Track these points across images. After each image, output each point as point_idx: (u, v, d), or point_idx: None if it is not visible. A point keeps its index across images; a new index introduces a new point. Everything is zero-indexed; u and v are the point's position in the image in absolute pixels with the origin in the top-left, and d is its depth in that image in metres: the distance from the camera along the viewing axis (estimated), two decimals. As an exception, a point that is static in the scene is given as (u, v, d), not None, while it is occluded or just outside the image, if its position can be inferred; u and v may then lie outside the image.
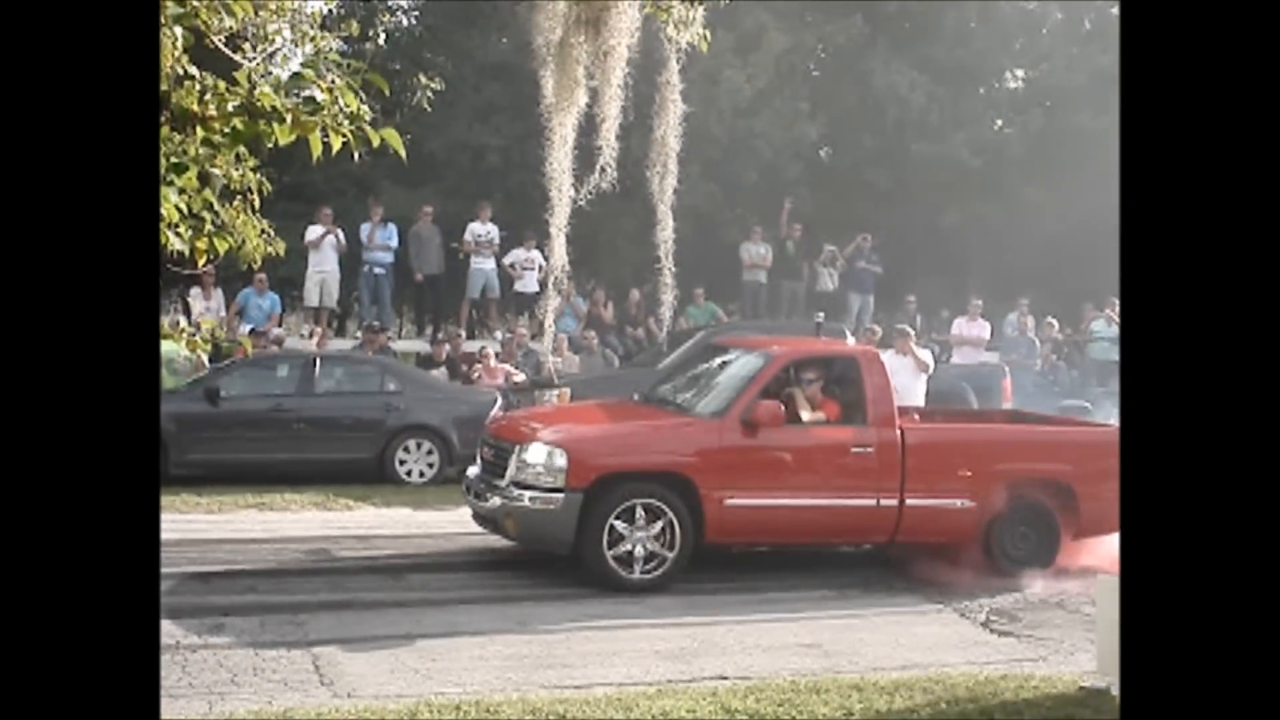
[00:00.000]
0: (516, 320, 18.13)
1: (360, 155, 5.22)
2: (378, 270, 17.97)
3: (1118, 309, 18.61)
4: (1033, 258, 22.07)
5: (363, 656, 7.29)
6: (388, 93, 4.70)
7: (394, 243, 18.04)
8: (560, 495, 9.12)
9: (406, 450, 13.86)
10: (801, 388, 10.00)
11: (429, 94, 6.59)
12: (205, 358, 12.97)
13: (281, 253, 6.43)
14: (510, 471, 9.38)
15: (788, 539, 9.91)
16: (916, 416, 11.21)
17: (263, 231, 6.12)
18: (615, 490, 9.19)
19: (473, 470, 10.27)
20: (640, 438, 9.79)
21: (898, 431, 9.84)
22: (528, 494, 9.24)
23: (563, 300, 17.70)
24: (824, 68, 24.36)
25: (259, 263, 6.23)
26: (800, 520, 9.65)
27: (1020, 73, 25.43)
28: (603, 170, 8.32)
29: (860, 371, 10.04)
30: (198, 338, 5.69)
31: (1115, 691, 6.91)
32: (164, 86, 4.22)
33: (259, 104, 4.34)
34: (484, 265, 18.43)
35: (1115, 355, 18.18)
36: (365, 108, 4.51)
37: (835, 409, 9.98)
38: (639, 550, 9.15)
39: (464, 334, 18.22)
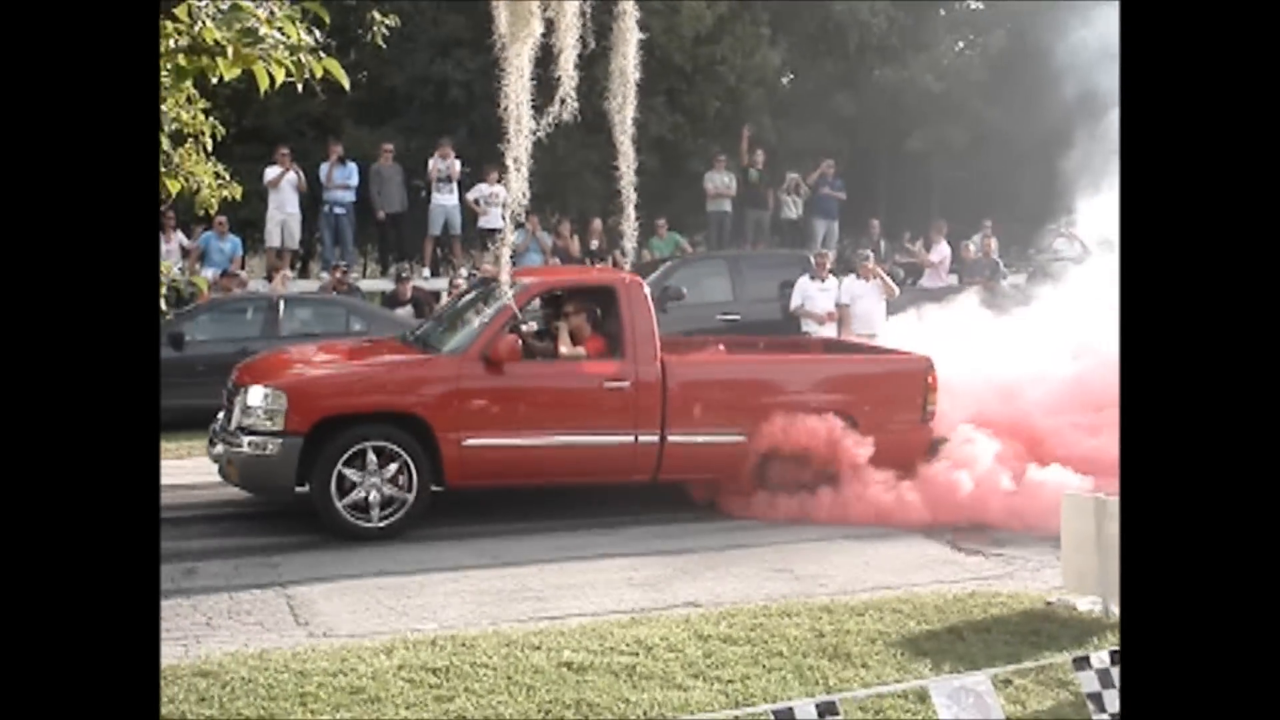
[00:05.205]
0: (481, 256, 18.03)
1: (318, 93, 5.12)
2: (338, 210, 17.82)
3: (1078, 229, 18.69)
4: (995, 180, 22.10)
5: (337, 595, 7.33)
6: (327, 21, 4.58)
7: (354, 181, 17.88)
8: (279, 440, 8.62)
9: (375, 390, 13.78)
10: (566, 321, 9.56)
11: (384, 29, 6.46)
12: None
13: (238, 196, 6.36)
14: (235, 416, 8.90)
15: (538, 479, 9.37)
16: (722, 347, 10.82)
17: (218, 175, 6.06)
18: (342, 434, 8.69)
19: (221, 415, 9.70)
20: (368, 378, 9.21)
21: (658, 365, 9.39)
22: (248, 439, 8.72)
23: (528, 235, 17.60)
24: (784, -7, 24.16)
25: (215, 208, 6.18)
26: (549, 459, 9.12)
27: (981, -7, 25.35)
28: (563, 102, 8.20)
29: (618, 302, 9.49)
30: (155, 281, 5.63)
31: (1081, 606, 7.05)
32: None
33: (201, 40, 4.25)
34: (445, 201, 18.31)
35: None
36: (307, 38, 4.41)
37: (600, 343, 9.52)
38: (374, 495, 8.68)
39: (428, 271, 18.13)
